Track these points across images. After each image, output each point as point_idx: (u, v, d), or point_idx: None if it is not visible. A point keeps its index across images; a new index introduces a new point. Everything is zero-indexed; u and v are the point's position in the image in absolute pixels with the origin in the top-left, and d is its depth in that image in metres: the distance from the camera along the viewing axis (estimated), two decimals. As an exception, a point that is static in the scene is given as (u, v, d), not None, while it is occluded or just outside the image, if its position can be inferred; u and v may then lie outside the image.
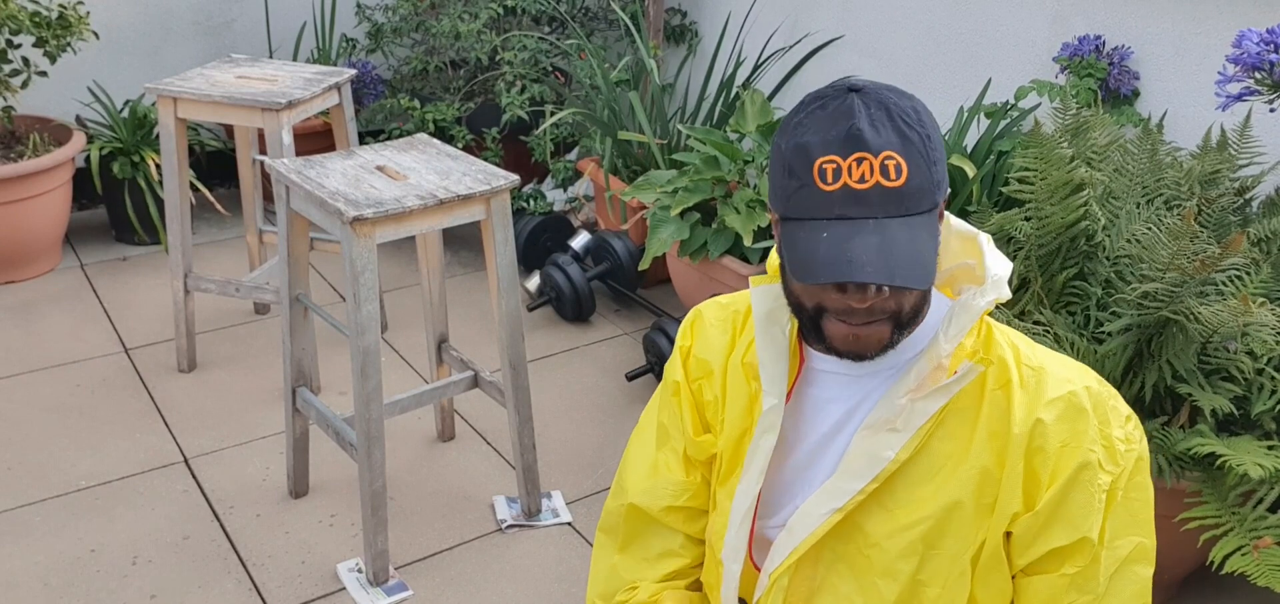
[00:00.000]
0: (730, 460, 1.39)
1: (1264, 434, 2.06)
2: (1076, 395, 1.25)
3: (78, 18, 3.46)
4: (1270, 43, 1.87)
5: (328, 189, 2.17)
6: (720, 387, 1.41)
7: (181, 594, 2.27)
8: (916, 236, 1.15)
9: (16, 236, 3.48)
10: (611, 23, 4.20)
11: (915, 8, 3.46)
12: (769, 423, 1.32)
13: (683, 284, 3.28)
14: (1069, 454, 1.24)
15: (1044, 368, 1.27)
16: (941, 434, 1.28)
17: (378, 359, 2.19)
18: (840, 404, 1.32)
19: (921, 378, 1.26)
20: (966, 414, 1.28)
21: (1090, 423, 1.25)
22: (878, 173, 1.14)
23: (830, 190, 1.15)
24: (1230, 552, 1.90)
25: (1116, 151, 2.51)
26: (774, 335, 1.33)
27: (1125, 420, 1.29)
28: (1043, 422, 1.24)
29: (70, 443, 2.73)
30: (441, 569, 2.38)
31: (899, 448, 1.26)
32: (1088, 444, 1.24)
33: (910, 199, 1.15)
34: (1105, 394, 1.28)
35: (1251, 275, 2.20)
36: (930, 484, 1.27)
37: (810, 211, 1.17)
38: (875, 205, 1.15)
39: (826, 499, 1.29)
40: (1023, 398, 1.26)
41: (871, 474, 1.27)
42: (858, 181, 1.15)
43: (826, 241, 1.15)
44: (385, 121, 3.97)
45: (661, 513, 1.45)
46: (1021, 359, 1.28)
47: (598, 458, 2.77)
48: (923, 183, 1.16)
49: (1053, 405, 1.25)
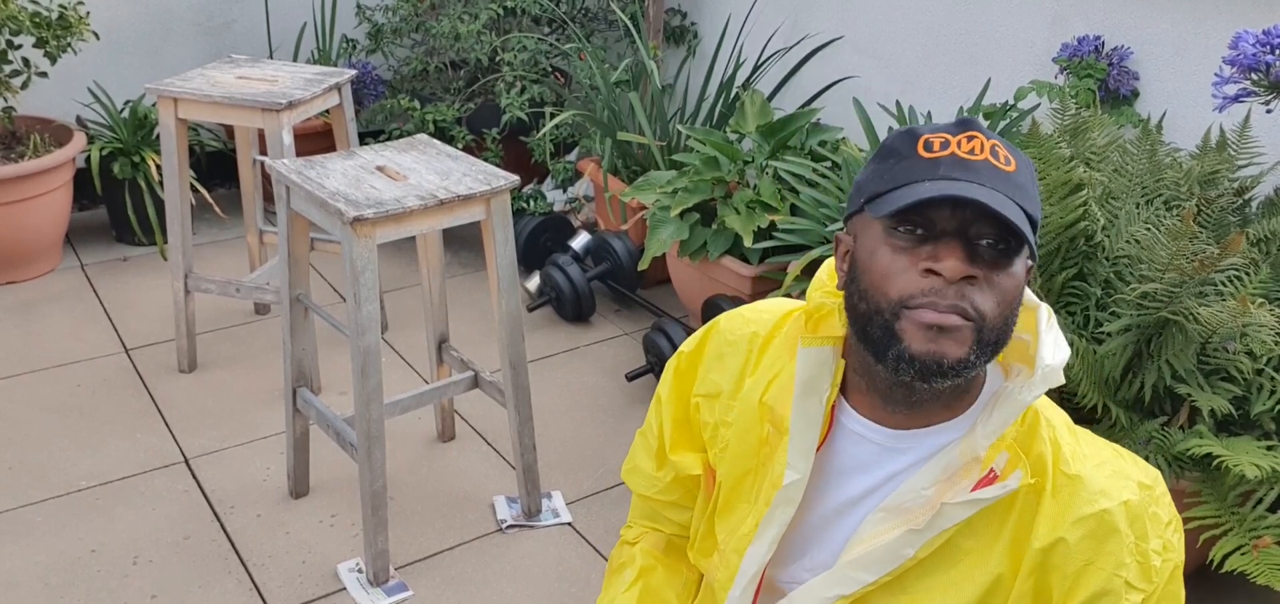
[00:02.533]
0: (729, 495, 1.31)
1: (1263, 434, 2.06)
2: (1110, 515, 1.13)
3: (78, 18, 3.47)
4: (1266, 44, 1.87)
5: (328, 189, 2.17)
6: (725, 413, 1.32)
7: (182, 594, 2.27)
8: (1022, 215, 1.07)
9: (17, 237, 3.48)
10: (611, 23, 4.21)
11: (915, 8, 3.46)
12: (789, 496, 1.23)
13: (683, 284, 3.28)
14: (1091, 576, 1.14)
15: (1081, 477, 1.15)
16: (967, 532, 1.17)
17: (378, 359, 2.20)
18: (866, 476, 1.22)
19: (951, 472, 1.16)
20: (996, 515, 1.17)
21: (1123, 542, 1.14)
22: (988, 152, 1.09)
23: (934, 157, 1.09)
24: (1230, 551, 1.91)
25: (1116, 152, 2.51)
26: (810, 405, 1.22)
27: (1166, 527, 1.17)
28: (1065, 541, 1.13)
29: (71, 443, 2.74)
30: (442, 569, 2.38)
31: (920, 547, 1.16)
32: (1113, 567, 1.13)
33: (1019, 191, 1.08)
34: (1147, 503, 1.16)
35: (1250, 276, 2.20)
36: (945, 578, 1.18)
37: (909, 176, 1.09)
38: (984, 175, 1.07)
39: (835, 584, 1.20)
40: (1051, 508, 1.15)
41: (887, 569, 1.18)
42: (967, 153, 1.08)
43: (929, 187, 1.07)
44: (385, 122, 3.97)
45: (641, 496, 1.50)
46: (1060, 461, 1.16)
47: (598, 458, 2.77)
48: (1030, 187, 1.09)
49: (1081, 524, 1.13)
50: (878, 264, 1.11)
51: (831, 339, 1.23)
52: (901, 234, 1.10)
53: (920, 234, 1.09)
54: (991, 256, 1.08)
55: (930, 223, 1.09)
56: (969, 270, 1.07)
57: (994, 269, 1.08)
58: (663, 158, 3.52)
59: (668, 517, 1.48)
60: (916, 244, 1.09)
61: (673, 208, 3.01)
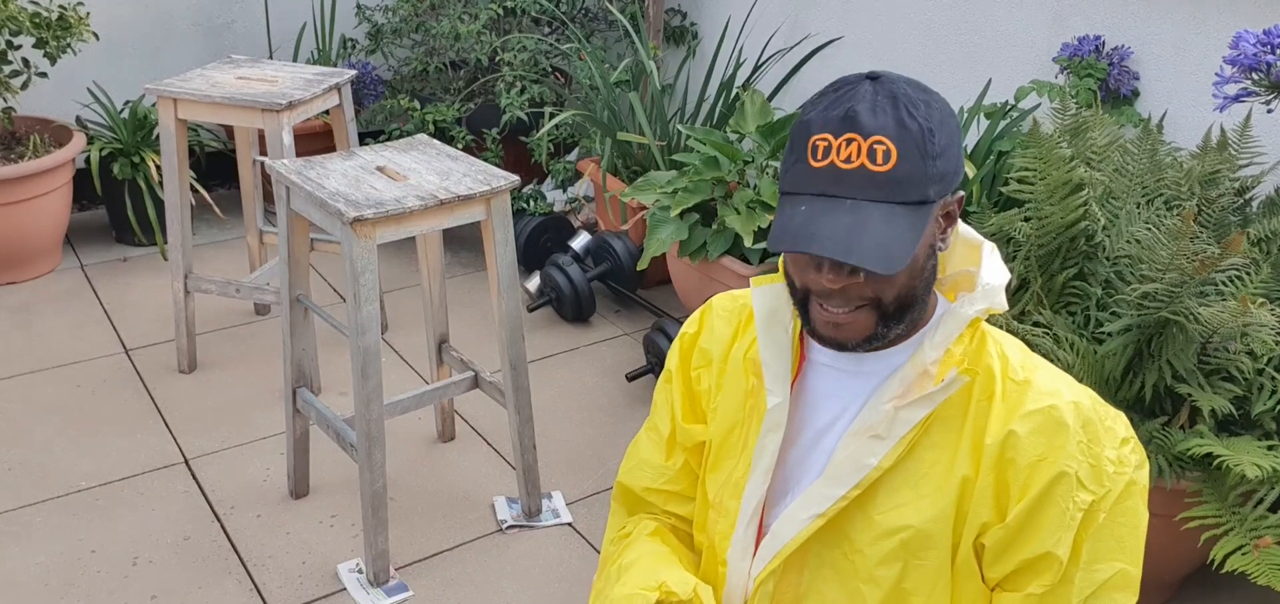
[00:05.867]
0: (718, 450, 1.40)
1: (1264, 434, 2.06)
2: (1057, 409, 1.22)
3: (78, 18, 3.46)
4: (1267, 43, 1.87)
5: (328, 190, 2.17)
6: (717, 376, 1.41)
7: (182, 595, 2.27)
8: (894, 225, 1.15)
9: (17, 237, 3.48)
10: (611, 24, 4.20)
11: (915, 8, 3.46)
12: (774, 420, 1.32)
13: (683, 284, 3.28)
14: (1043, 468, 1.21)
15: (1029, 382, 1.25)
16: (927, 442, 1.26)
17: (378, 360, 2.20)
18: (835, 400, 1.32)
19: (906, 384, 1.25)
20: (952, 423, 1.26)
21: (1071, 438, 1.22)
22: (865, 155, 1.16)
23: (818, 167, 1.17)
24: (1230, 551, 1.90)
25: (1116, 152, 2.51)
26: (776, 334, 1.33)
27: (1121, 443, 1.25)
28: (1016, 433, 1.22)
29: (70, 444, 2.73)
30: (442, 570, 2.38)
31: (882, 456, 1.25)
32: (1065, 459, 1.21)
33: (896, 187, 1.16)
34: (1100, 413, 1.25)
35: (1251, 276, 2.20)
36: (913, 491, 1.26)
37: (798, 186, 1.20)
38: (856, 187, 1.16)
39: (810, 504, 1.28)
40: (1001, 410, 1.24)
41: (854, 481, 1.26)
42: (844, 162, 1.16)
43: (802, 215, 1.17)
44: (385, 122, 3.97)
45: (643, 492, 1.49)
46: (1008, 371, 1.26)
47: (598, 458, 2.77)
48: (913, 172, 1.16)
49: (1029, 418, 1.22)
50: (786, 257, 1.25)
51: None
52: None
53: None
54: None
55: None
56: (844, 281, 1.19)
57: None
58: (663, 158, 3.52)
59: (669, 510, 1.49)
60: None
61: (673, 208, 3.00)
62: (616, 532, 1.51)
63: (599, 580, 1.44)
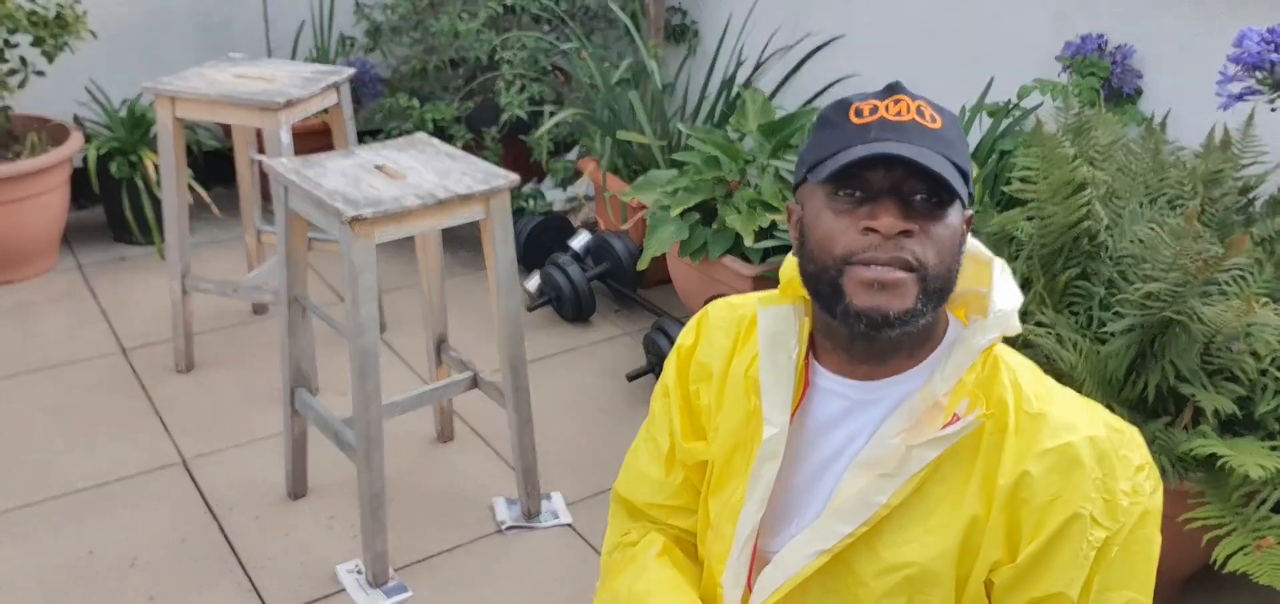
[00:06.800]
0: (721, 471, 1.36)
1: (1267, 435, 2.05)
2: (1073, 447, 1.18)
3: (75, 17, 3.45)
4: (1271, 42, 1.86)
5: (326, 188, 2.16)
6: (717, 393, 1.37)
7: (180, 596, 2.26)
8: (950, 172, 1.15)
9: (14, 237, 3.47)
10: (611, 22, 4.19)
11: (916, 7, 3.45)
12: (770, 451, 1.27)
13: (683, 284, 3.27)
14: (1058, 508, 1.17)
15: (1044, 414, 1.20)
16: (937, 477, 1.22)
17: (377, 360, 2.18)
18: (840, 430, 1.27)
19: (916, 417, 1.21)
20: (962, 458, 1.22)
21: (1087, 476, 1.17)
22: (914, 112, 1.17)
23: (865, 122, 1.17)
24: (1233, 551, 1.90)
25: (1119, 151, 2.50)
26: (779, 360, 1.28)
27: (1135, 471, 1.20)
28: (1030, 474, 1.18)
29: (68, 444, 2.72)
30: (441, 571, 2.37)
31: (891, 493, 1.21)
32: (1079, 499, 1.17)
33: (947, 145, 1.16)
34: (1115, 443, 1.20)
35: (1255, 275, 2.19)
36: (921, 527, 1.22)
37: (841, 143, 1.17)
38: (911, 136, 1.15)
39: (815, 539, 1.24)
40: (1014, 445, 1.19)
41: (862, 518, 1.22)
42: (894, 116, 1.16)
43: (861, 149, 1.15)
44: (384, 121, 3.95)
45: (644, 506, 1.47)
46: (1022, 403, 1.21)
47: (598, 459, 2.76)
48: (957, 142, 1.17)
49: (1044, 457, 1.18)
50: (821, 226, 1.19)
51: (794, 299, 1.31)
52: (841, 198, 1.18)
53: (858, 196, 1.17)
54: (925, 209, 1.16)
55: (866, 184, 1.17)
56: (904, 224, 1.15)
57: (929, 220, 1.16)
58: (663, 157, 3.51)
59: (672, 523, 1.46)
60: (855, 206, 1.17)
61: (673, 207, 3.00)
62: (619, 537, 1.48)
63: (602, 592, 1.42)
